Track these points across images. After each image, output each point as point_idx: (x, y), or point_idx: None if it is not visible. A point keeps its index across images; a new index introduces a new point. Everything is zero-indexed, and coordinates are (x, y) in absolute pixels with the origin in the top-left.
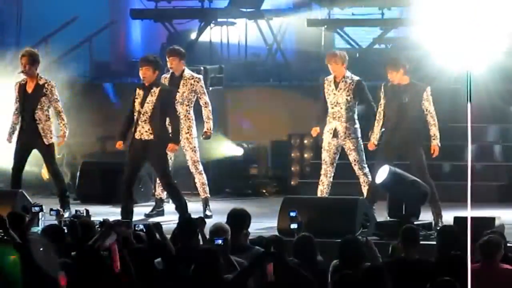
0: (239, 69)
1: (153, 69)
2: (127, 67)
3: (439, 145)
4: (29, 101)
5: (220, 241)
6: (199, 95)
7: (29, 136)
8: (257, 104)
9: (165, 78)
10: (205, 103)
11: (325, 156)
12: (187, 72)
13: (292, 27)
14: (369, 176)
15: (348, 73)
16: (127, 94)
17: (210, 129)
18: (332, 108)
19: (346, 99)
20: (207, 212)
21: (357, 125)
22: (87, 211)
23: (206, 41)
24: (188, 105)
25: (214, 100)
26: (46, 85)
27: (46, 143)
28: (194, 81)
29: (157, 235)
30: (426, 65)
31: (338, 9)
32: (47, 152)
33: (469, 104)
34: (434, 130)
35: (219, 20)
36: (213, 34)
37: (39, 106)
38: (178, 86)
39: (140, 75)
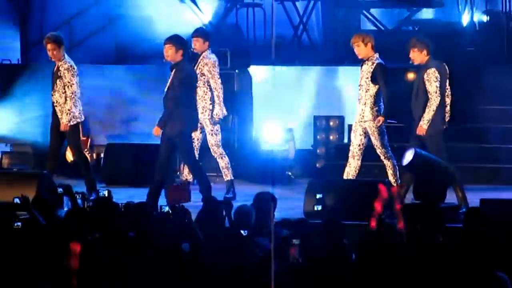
0: (265, 51)
1: (176, 48)
2: (151, 49)
3: (424, 127)
4: (52, 83)
5: (245, 232)
6: (208, 78)
7: (53, 118)
8: (282, 86)
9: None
10: (213, 87)
11: (352, 137)
12: (204, 54)
13: (318, 9)
14: (393, 160)
15: (375, 56)
16: (151, 77)
17: (218, 114)
18: (358, 89)
19: (365, 81)
20: (228, 194)
21: (377, 108)
22: (109, 191)
23: (232, 23)
24: (204, 85)
25: (239, 83)
26: (60, 67)
27: (66, 126)
28: (204, 63)
29: (186, 220)
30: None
31: None
32: (69, 135)
33: None
34: (425, 113)
35: (245, 1)
36: (239, 15)
37: (55, 89)
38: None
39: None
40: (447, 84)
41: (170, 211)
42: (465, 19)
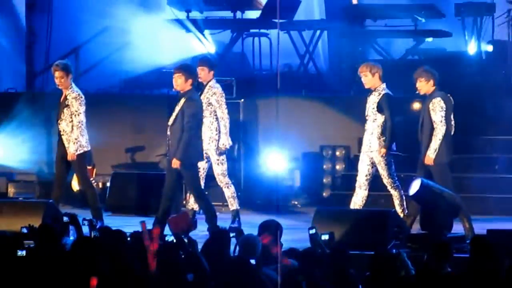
0: (271, 80)
1: (185, 77)
2: (157, 78)
3: (431, 156)
4: (58, 112)
5: (253, 261)
6: (215, 108)
7: (60, 147)
8: (289, 116)
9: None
10: (220, 117)
11: (359, 166)
12: (210, 84)
13: (324, 38)
14: (400, 190)
15: (381, 86)
16: (157, 106)
17: (224, 144)
18: (366, 119)
19: (372, 111)
20: (234, 224)
21: (384, 138)
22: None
23: (238, 52)
24: (210, 115)
25: (245, 112)
26: (68, 96)
27: (73, 155)
28: (212, 93)
29: (191, 249)
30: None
31: (370, 21)
32: (76, 164)
33: None
34: (432, 142)
35: (251, 31)
36: (245, 45)
37: (62, 117)
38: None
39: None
40: (451, 116)
41: (175, 240)
42: (471, 49)
